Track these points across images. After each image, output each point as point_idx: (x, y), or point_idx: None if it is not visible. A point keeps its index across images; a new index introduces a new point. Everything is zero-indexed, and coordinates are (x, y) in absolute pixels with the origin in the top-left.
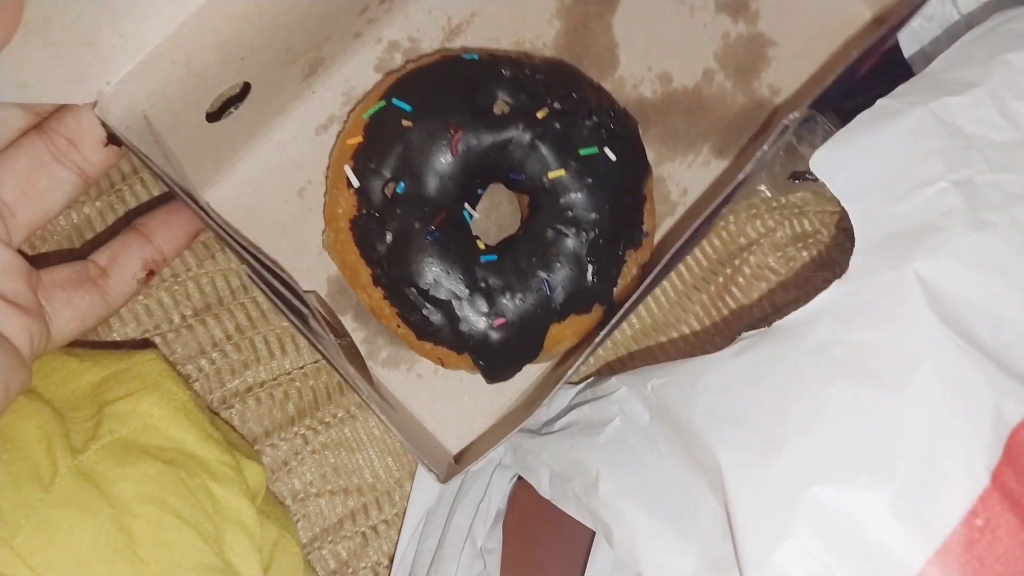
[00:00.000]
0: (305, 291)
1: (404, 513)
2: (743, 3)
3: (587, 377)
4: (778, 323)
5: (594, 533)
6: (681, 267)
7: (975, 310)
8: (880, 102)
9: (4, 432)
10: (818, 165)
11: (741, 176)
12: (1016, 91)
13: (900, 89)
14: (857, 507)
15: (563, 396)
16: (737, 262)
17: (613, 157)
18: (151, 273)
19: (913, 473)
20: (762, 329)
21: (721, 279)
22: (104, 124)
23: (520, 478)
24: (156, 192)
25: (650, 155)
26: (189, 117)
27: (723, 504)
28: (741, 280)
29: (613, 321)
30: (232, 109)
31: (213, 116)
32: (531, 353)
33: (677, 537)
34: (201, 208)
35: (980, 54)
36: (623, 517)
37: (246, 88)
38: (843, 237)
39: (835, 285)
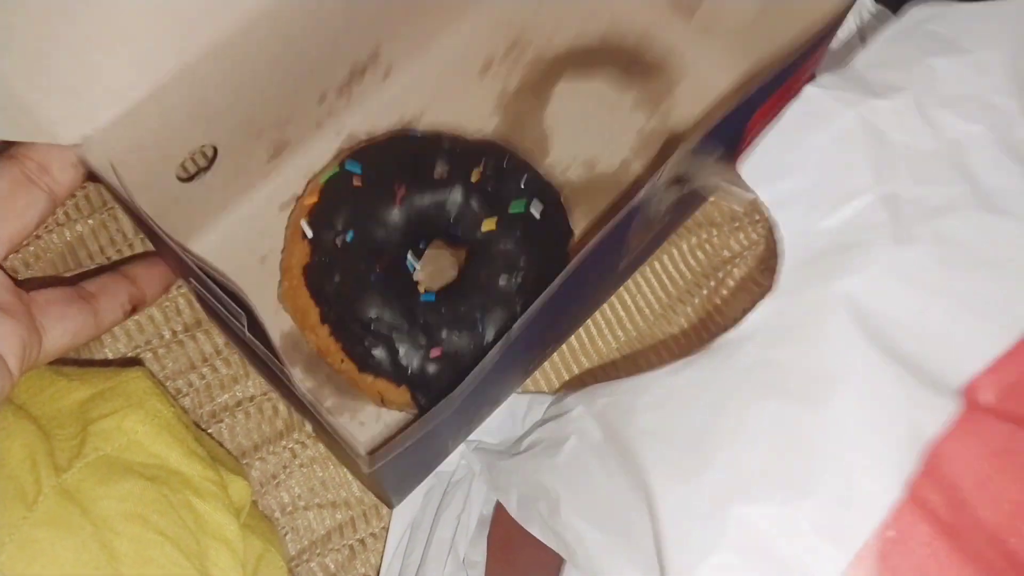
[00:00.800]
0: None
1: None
2: (655, 103)
3: (559, 389)
4: (716, 342)
5: None
6: (666, 280)
7: (900, 325)
8: (808, 91)
9: None
10: (748, 172)
11: (634, 202)
12: (938, 98)
13: (827, 80)
14: (777, 523)
15: (536, 410)
16: (721, 275)
17: (538, 215)
18: (135, 308)
19: (830, 488)
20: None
21: (706, 292)
22: (86, 164)
23: None
24: None
25: (576, 229)
26: (161, 172)
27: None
28: (726, 292)
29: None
30: (203, 174)
31: (185, 180)
32: None
33: (631, 557)
34: (156, 229)
35: (904, 55)
36: (582, 539)
37: (215, 155)
38: None
39: (763, 303)
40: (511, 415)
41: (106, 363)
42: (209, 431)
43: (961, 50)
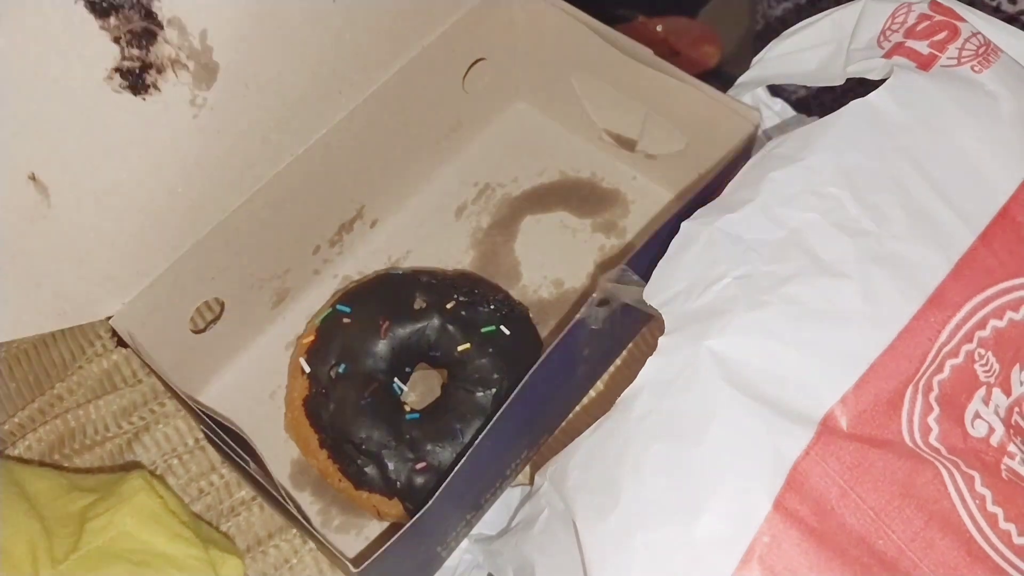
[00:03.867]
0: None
1: None
2: (613, 224)
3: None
4: (619, 398)
5: None
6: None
7: (758, 372)
8: (683, 226)
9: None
10: (647, 293)
11: (572, 323)
12: (779, 200)
13: (698, 213)
14: (675, 543)
15: (516, 495)
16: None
17: (508, 332)
18: None
19: (713, 508)
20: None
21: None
22: (115, 332)
23: None
24: None
25: (549, 340)
26: (177, 327)
27: None
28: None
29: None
30: (213, 325)
31: (199, 332)
32: None
33: None
34: (172, 386)
35: (754, 176)
36: None
37: (223, 308)
38: None
39: (649, 361)
40: (506, 507)
41: (137, 465)
42: (228, 524)
43: (796, 160)
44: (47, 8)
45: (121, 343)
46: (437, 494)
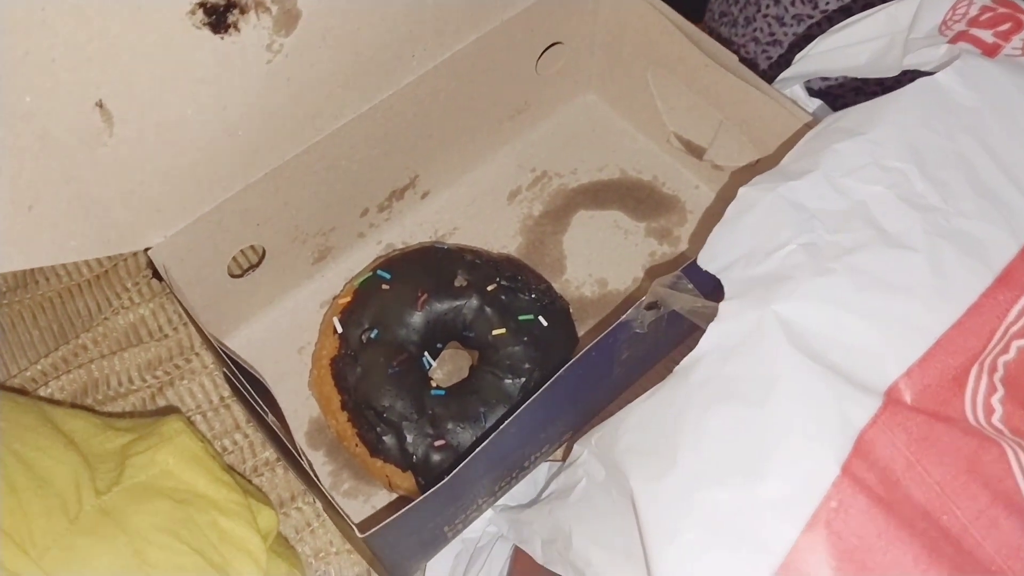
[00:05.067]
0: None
1: None
2: (668, 231)
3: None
4: (677, 367)
5: None
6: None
7: (824, 338)
8: (740, 191)
9: (41, 474)
10: (701, 258)
11: (616, 322)
12: (843, 171)
13: (757, 179)
14: (736, 504)
15: (544, 470)
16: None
17: (545, 323)
18: None
19: (777, 471)
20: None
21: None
22: (151, 263)
23: None
24: None
25: (588, 339)
26: (215, 269)
27: None
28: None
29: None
30: (252, 271)
31: (237, 276)
32: None
33: (630, 567)
34: (198, 324)
35: (815, 146)
36: (591, 562)
37: (263, 255)
38: None
39: (711, 328)
40: (533, 481)
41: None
42: (252, 483)
43: (860, 134)
44: None
45: (156, 275)
46: (455, 472)
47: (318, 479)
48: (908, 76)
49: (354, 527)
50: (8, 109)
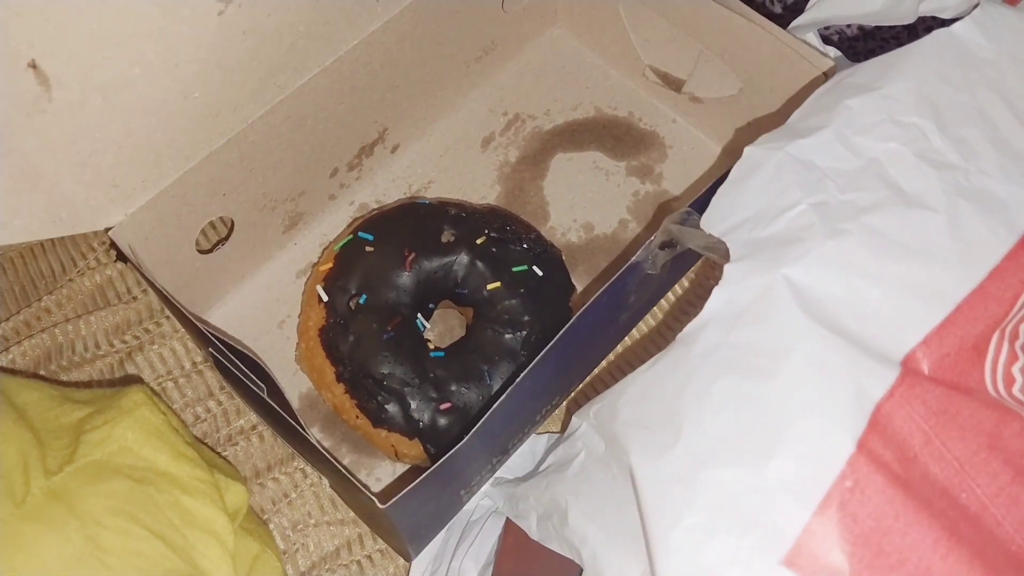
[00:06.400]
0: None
1: None
2: (649, 168)
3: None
4: (679, 334)
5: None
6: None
7: (838, 304)
8: (746, 151)
9: None
10: (705, 220)
11: (632, 260)
12: (856, 128)
13: (762, 139)
14: (744, 485)
15: (542, 442)
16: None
17: (540, 273)
18: None
19: (789, 449)
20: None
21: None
22: (115, 245)
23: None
24: None
25: (578, 287)
26: (183, 246)
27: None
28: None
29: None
30: (221, 245)
31: (206, 252)
32: None
33: (627, 546)
34: (178, 305)
35: (826, 103)
36: (587, 539)
37: (232, 227)
38: None
39: (715, 292)
40: (531, 453)
41: (131, 381)
42: (225, 453)
43: (873, 89)
44: None
45: (120, 257)
46: (470, 434)
47: (333, 457)
48: (924, 26)
49: (374, 498)
50: None
